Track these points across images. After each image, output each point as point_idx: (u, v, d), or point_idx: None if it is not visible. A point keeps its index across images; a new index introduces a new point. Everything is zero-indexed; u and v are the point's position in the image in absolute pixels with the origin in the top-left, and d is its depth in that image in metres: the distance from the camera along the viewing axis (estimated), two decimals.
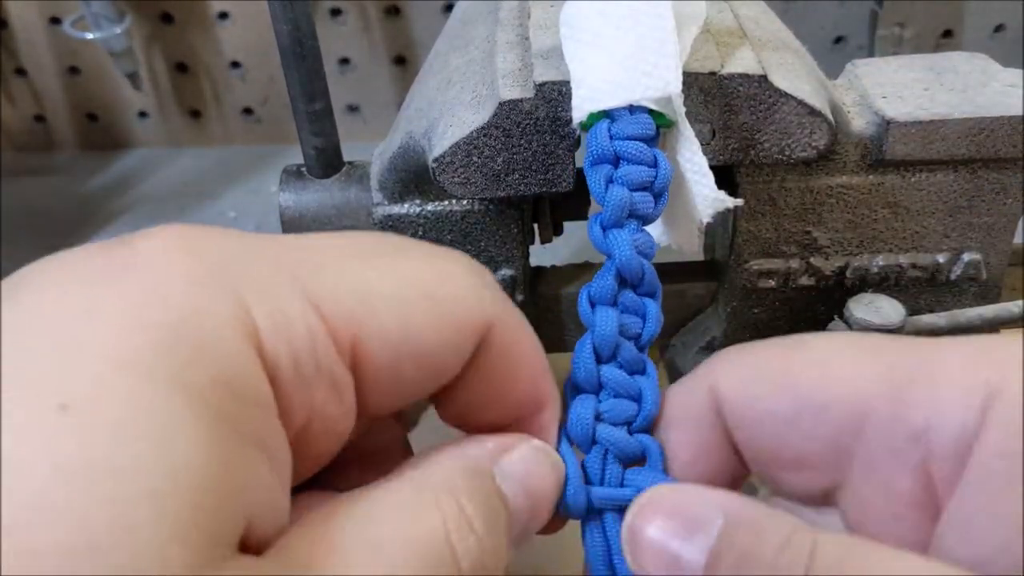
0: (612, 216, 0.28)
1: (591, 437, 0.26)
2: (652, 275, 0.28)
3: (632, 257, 0.27)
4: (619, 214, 0.28)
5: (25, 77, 0.87)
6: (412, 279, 0.22)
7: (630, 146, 0.29)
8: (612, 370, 0.27)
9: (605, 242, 0.28)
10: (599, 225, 0.28)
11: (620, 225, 0.28)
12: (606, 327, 0.27)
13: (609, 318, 0.27)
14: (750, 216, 0.41)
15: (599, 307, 0.27)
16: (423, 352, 0.22)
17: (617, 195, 0.28)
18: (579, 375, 0.27)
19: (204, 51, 0.84)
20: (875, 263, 0.42)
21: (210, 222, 0.80)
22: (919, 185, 0.40)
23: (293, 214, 0.42)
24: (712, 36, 0.37)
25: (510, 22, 0.40)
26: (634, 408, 0.27)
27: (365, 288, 0.21)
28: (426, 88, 0.41)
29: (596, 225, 0.28)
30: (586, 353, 0.27)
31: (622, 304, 0.27)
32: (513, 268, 0.42)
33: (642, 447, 0.26)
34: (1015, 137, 0.38)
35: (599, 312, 0.27)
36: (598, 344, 0.27)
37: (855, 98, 0.40)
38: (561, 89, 0.35)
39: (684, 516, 0.23)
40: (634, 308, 0.28)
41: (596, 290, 0.27)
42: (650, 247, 0.28)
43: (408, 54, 0.84)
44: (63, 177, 0.88)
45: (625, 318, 0.27)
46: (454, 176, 0.37)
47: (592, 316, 0.27)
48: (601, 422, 0.26)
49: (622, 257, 0.27)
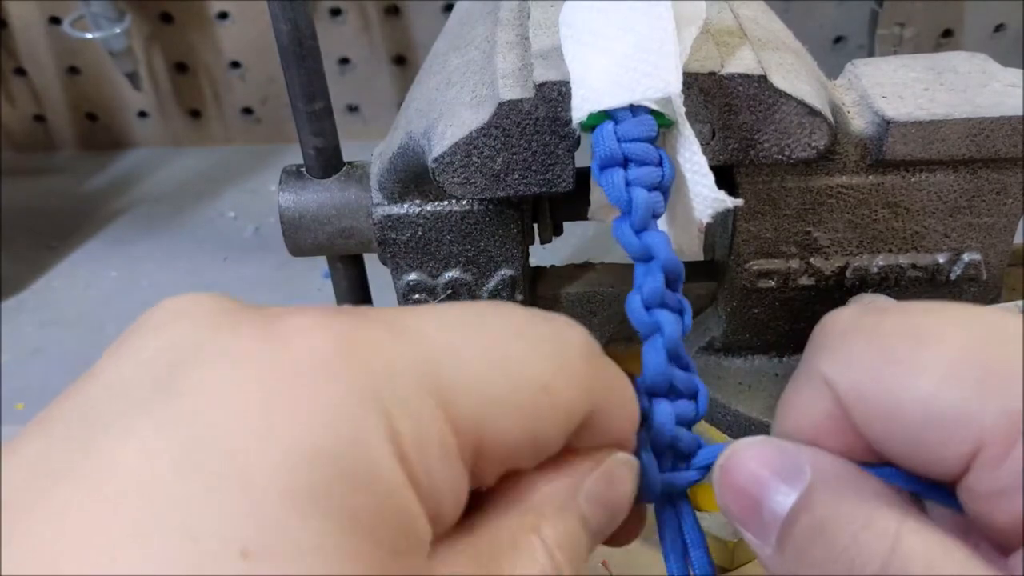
0: (643, 218, 0.28)
1: (672, 442, 0.27)
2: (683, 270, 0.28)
3: (673, 255, 0.27)
4: (647, 215, 0.28)
5: (25, 77, 0.87)
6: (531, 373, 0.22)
7: (639, 148, 0.29)
8: (679, 372, 0.27)
9: (642, 244, 0.27)
10: (630, 228, 0.28)
11: (648, 226, 0.28)
12: (673, 329, 0.27)
13: (672, 319, 0.27)
14: (750, 216, 0.41)
15: (660, 310, 0.27)
16: (536, 442, 0.22)
17: (643, 197, 0.28)
18: (657, 379, 0.27)
19: (204, 51, 0.84)
20: (875, 263, 0.42)
21: (210, 222, 0.80)
22: (919, 185, 0.40)
23: (292, 214, 0.42)
24: (712, 36, 0.37)
25: (510, 22, 0.40)
26: (693, 407, 0.27)
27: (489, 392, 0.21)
28: (426, 88, 0.41)
29: (626, 228, 0.28)
30: (660, 358, 0.27)
31: (667, 304, 0.27)
32: (513, 268, 0.42)
33: (697, 442, 0.27)
34: (1015, 137, 0.38)
35: (663, 315, 0.27)
36: (670, 347, 0.27)
37: (855, 98, 0.40)
38: (561, 89, 0.34)
39: (784, 457, 0.23)
40: (675, 306, 0.28)
41: (649, 293, 0.27)
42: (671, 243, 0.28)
43: (408, 54, 0.84)
44: (63, 177, 0.88)
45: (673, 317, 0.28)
46: (454, 176, 0.37)
47: (649, 319, 0.27)
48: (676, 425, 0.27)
49: (666, 256, 0.27)
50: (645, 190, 0.28)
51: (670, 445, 0.27)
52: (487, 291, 0.43)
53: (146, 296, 0.73)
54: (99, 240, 0.80)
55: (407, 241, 0.41)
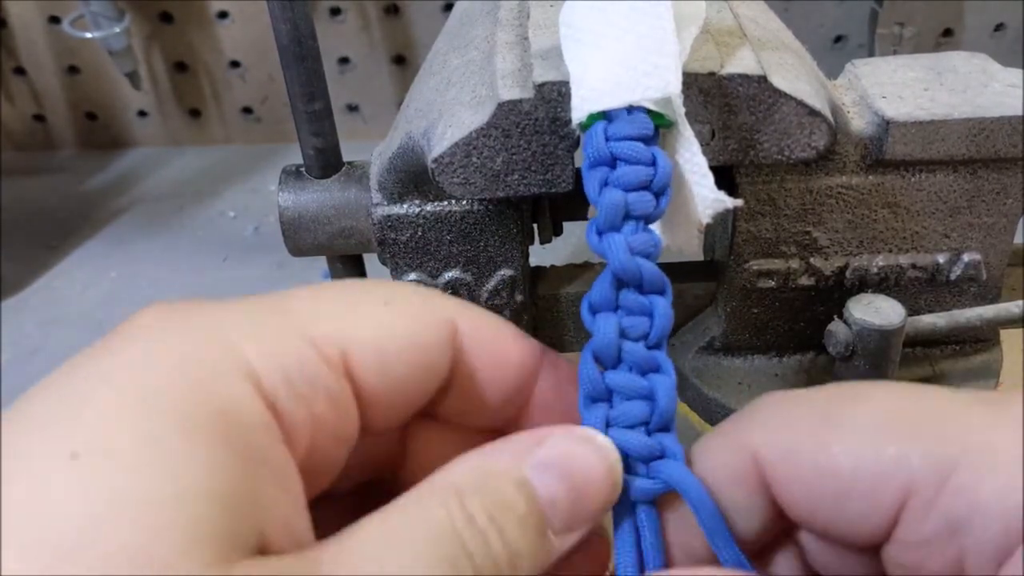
0: (606, 219, 0.27)
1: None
2: (653, 273, 0.27)
3: (627, 260, 0.27)
4: (613, 217, 0.27)
5: (24, 76, 0.87)
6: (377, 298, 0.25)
7: (626, 146, 0.28)
8: (618, 375, 0.26)
9: (600, 246, 0.27)
10: (595, 230, 0.28)
11: (616, 228, 0.27)
12: (604, 333, 0.27)
13: (607, 324, 0.27)
14: (750, 216, 0.41)
15: (599, 314, 0.27)
16: (405, 349, 0.24)
17: (610, 198, 0.27)
18: (585, 385, 0.27)
19: (203, 50, 0.84)
20: (875, 263, 0.42)
21: (210, 221, 0.80)
22: (919, 185, 0.40)
23: (292, 214, 0.42)
24: (711, 36, 0.37)
25: (510, 22, 0.40)
26: (647, 408, 0.26)
27: (340, 312, 0.24)
28: (425, 88, 0.41)
29: (592, 230, 0.28)
30: (588, 361, 0.27)
31: (625, 307, 0.27)
32: (513, 268, 0.42)
33: (661, 446, 0.26)
34: (1015, 137, 0.38)
35: (598, 319, 0.27)
36: (597, 351, 0.27)
37: (855, 98, 0.40)
38: (560, 89, 0.34)
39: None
40: (639, 308, 0.27)
41: (596, 296, 0.27)
42: (652, 246, 0.27)
43: (408, 53, 0.84)
44: (63, 176, 0.88)
45: (631, 320, 0.27)
46: (453, 176, 0.37)
47: (593, 323, 0.27)
48: (612, 427, 0.26)
49: (615, 260, 0.27)
50: (620, 190, 0.27)
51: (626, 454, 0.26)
52: (487, 291, 0.43)
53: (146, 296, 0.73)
54: (99, 240, 0.80)
55: (407, 241, 0.41)
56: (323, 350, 0.23)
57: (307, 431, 0.22)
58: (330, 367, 0.23)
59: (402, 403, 0.25)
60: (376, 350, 0.24)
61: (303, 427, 0.22)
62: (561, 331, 0.46)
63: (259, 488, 0.20)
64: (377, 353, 0.24)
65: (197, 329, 0.22)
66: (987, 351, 0.46)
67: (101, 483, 0.19)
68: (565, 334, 0.47)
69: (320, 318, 0.24)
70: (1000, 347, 0.46)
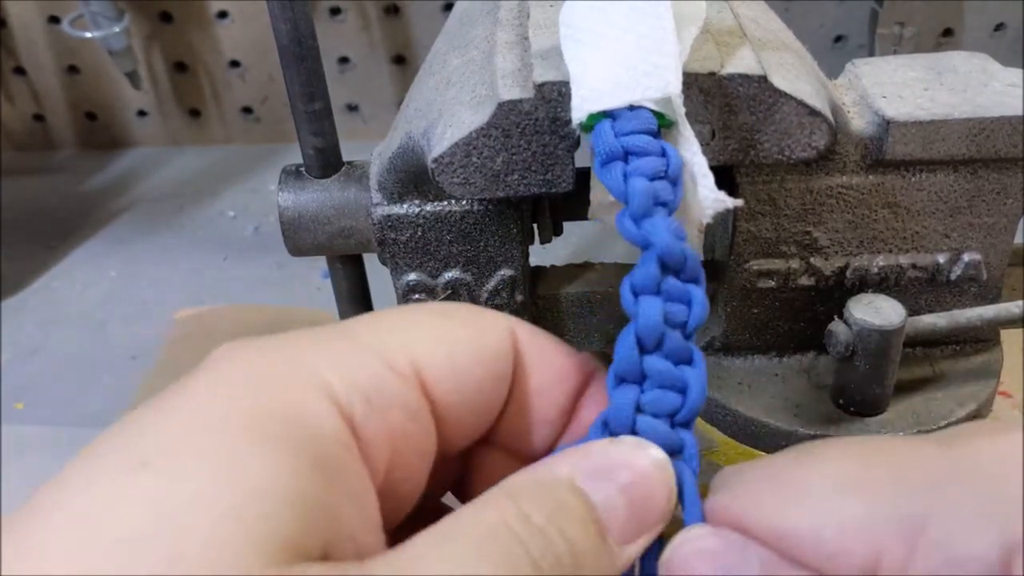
0: (641, 206, 0.27)
1: (631, 428, 0.25)
2: (694, 260, 0.27)
3: (673, 242, 0.26)
4: (647, 203, 0.27)
5: (24, 76, 0.87)
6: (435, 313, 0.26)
7: (638, 140, 0.28)
8: (657, 360, 0.26)
9: (640, 232, 0.26)
10: (629, 218, 0.27)
11: (650, 213, 0.27)
12: (650, 316, 0.25)
13: (654, 307, 0.26)
14: (750, 216, 0.41)
15: (643, 296, 0.26)
16: (474, 358, 0.25)
17: (639, 185, 0.27)
18: (622, 366, 0.26)
19: (203, 50, 0.84)
20: (875, 263, 0.42)
21: (210, 221, 0.80)
22: (919, 185, 0.40)
23: (292, 214, 0.42)
24: (712, 36, 0.37)
25: (510, 22, 0.40)
26: (679, 400, 0.26)
27: (406, 328, 0.25)
28: (425, 88, 0.41)
29: (626, 219, 0.27)
30: (629, 343, 0.26)
31: (666, 292, 0.26)
32: (513, 268, 0.42)
33: (681, 441, 0.26)
34: (1015, 137, 0.38)
35: (643, 301, 0.26)
36: (642, 334, 0.26)
37: (855, 98, 0.40)
38: (561, 89, 0.34)
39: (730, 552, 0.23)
40: (679, 296, 0.26)
41: (639, 279, 0.26)
42: (682, 233, 0.27)
43: (407, 53, 0.84)
44: (63, 176, 0.88)
45: (670, 307, 0.26)
46: (453, 176, 0.37)
47: (635, 306, 0.26)
48: (642, 413, 0.26)
49: (662, 243, 0.26)
50: (645, 179, 0.27)
51: (634, 433, 0.25)
52: (487, 291, 0.43)
53: (146, 296, 0.73)
54: (99, 240, 0.80)
55: (407, 241, 0.41)
56: (396, 366, 0.23)
57: (386, 448, 0.23)
58: (405, 382, 0.23)
59: (474, 416, 0.25)
60: (447, 361, 0.24)
61: (382, 444, 0.23)
62: (561, 331, 0.46)
63: (329, 498, 0.20)
64: (449, 364, 0.24)
65: (271, 352, 0.23)
66: (987, 351, 0.46)
67: (166, 487, 0.19)
68: (565, 334, 0.46)
69: (388, 337, 0.24)
70: (1000, 347, 0.46)
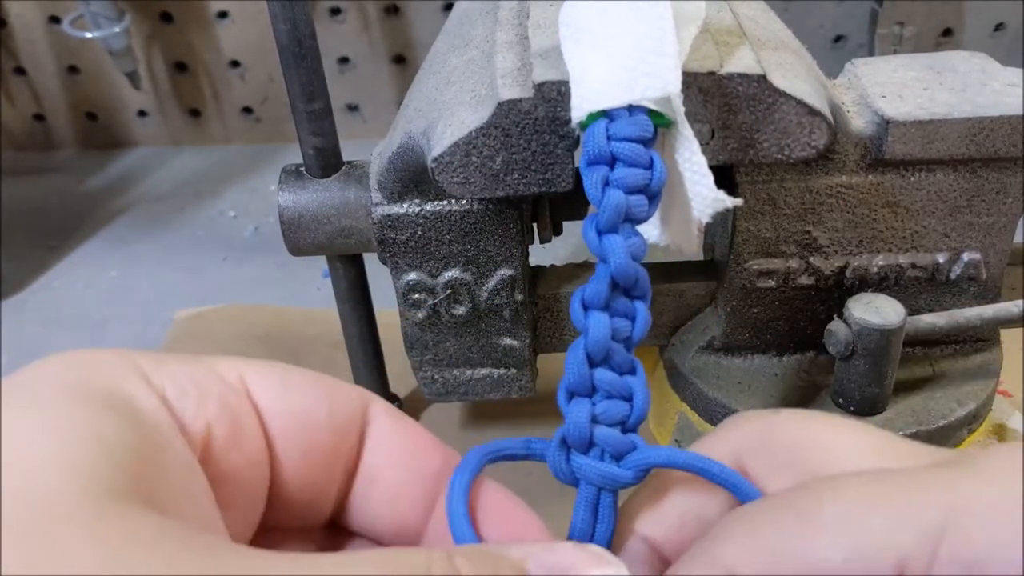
0: (609, 220, 0.28)
1: (588, 440, 0.27)
2: (645, 279, 0.28)
3: (628, 264, 0.27)
4: (615, 218, 0.28)
5: (24, 76, 0.87)
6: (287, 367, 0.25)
7: (627, 148, 0.28)
8: (605, 373, 0.27)
9: (600, 247, 0.28)
10: (594, 229, 0.28)
11: (615, 230, 0.28)
12: (599, 332, 0.27)
13: (603, 323, 0.27)
14: (749, 216, 0.41)
15: (592, 312, 0.27)
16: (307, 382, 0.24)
17: (614, 199, 0.28)
18: (573, 379, 0.27)
19: (203, 50, 0.84)
20: (875, 263, 0.42)
21: (210, 221, 0.80)
22: (919, 185, 0.40)
23: (292, 214, 0.42)
24: (711, 35, 0.37)
25: (509, 22, 0.40)
26: (627, 408, 0.27)
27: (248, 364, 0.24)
28: (425, 88, 0.41)
29: (591, 228, 0.28)
30: (579, 357, 0.27)
31: (613, 308, 0.28)
32: (512, 268, 0.42)
33: (633, 444, 0.27)
34: (1015, 137, 0.38)
35: (592, 317, 0.27)
36: (591, 349, 0.27)
37: (855, 98, 0.40)
38: (560, 89, 0.34)
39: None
40: (624, 311, 0.28)
41: (590, 295, 0.27)
42: (642, 250, 0.28)
43: (407, 53, 0.84)
44: (63, 176, 0.88)
45: (616, 322, 0.28)
46: (453, 176, 0.37)
47: (585, 321, 0.27)
48: (597, 424, 0.27)
49: (618, 263, 0.27)
50: (622, 192, 0.28)
51: (592, 444, 0.27)
52: (487, 290, 0.43)
53: (146, 296, 0.73)
54: (99, 240, 0.80)
55: (407, 241, 0.41)
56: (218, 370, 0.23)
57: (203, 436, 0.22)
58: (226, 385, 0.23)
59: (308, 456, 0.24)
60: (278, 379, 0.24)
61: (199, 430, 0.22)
62: (561, 331, 0.46)
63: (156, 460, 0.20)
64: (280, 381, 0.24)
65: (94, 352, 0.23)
66: (987, 351, 0.46)
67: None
68: (564, 334, 0.47)
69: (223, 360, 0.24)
70: (1000, 347, 0.46)
